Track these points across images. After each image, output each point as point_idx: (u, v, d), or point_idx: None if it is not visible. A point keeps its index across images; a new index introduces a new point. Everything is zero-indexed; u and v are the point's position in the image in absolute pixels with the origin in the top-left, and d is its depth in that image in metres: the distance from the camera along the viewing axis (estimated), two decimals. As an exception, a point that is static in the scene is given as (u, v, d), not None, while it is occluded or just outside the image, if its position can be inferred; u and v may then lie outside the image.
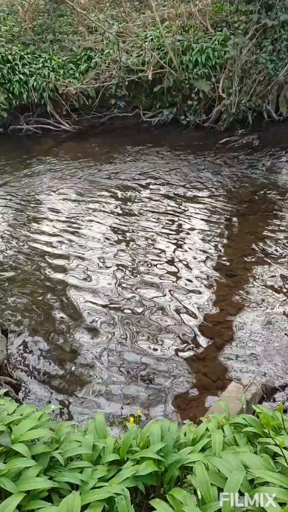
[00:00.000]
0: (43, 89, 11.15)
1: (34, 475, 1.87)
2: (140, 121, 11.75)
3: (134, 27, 11.49)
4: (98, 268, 5.75)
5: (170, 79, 10.77)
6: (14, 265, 5.92)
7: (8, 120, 11.65)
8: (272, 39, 9.96)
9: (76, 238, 6.53)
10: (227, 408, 2.62)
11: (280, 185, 7.94)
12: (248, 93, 10.37)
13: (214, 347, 4.37)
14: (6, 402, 2.46)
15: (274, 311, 4.79)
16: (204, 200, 7.56)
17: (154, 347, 4.39)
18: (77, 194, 8.07)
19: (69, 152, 10.32)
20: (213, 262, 5.75)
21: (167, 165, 9.12)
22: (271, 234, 6.34)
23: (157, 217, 7.03)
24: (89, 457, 2.09)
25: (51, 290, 5.36)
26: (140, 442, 2.17)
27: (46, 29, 12.34)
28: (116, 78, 10.92)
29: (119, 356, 4.30)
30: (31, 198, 7.99)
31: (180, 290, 5.23)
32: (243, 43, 9.88)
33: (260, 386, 3.70)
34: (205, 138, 10.52)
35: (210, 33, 10.86)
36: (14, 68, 11.17)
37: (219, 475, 1.88)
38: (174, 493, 1.87)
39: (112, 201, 7.73)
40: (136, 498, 2.01)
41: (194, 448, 2.18)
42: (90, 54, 11.42)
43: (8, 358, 4.32)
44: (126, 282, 5.41)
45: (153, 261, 5.83)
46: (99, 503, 1.81)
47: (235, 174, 8.48)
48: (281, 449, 1.84)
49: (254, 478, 1.85)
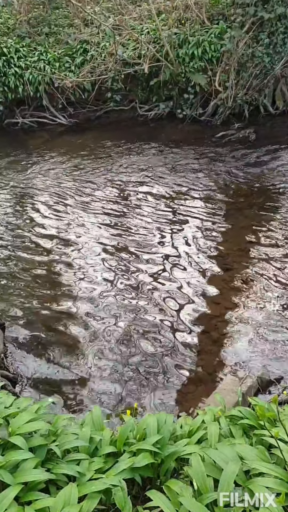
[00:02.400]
0: (38, 82, 11.08)
1: (31, 467, 1.88)
2: (136, 115, 11.70)
3: (130, 20, 11.41)
4: (94, 262, 5.74)
5: (167, 72, 10.71)
6: (10, 259, 5.91)
7: (4, 114, 11.58)
8: (268, 32, 9.91)
9: (71, 231, 6.52)
10: (223, 400, 2.64)
11: (276, 179, 7.94)
12: (245, 87, 10.33)
13: (210, 341, 4.39)
14: (3, 396, 2.46)
15: (270, 305, 4.81)
16: (200, 194, 7.55)
17: (150, 340, 4.40)
18: (72, 187, 8.05)
19: (64, 145, 10.27)
20: (209, 256, 5.76)
21: (164, 159, 9.10)
22: (267, 228, 6.35)
23: (152, 211, 7.02)
24: (86, 449, 2.11)
25: (48, 283, 5.37)
26: (136, 435, 2.18)
27: (42, 21, 12.24)
28: (112, 71, 10.85)
29: (116, 350, 4.32)
30: (26, 192, 7.97)
31: (175, 283, 5.24)
32: (240, 36, 9.84)
33: (255, 379, 3.73)
34: (202, 132, 10.49)
35: (207, 26, 10.79)
36: (10, 61, 11.08)
37: (215, 466, 1.90)
38: (171, 484, 1.89)
39: (107, 195, 7.71)
40: (133, 490, 2.02)
41: (190, 440, 2.19)
42: (86, 47, 11.33)
43: (5, 352, 4.33)
44: (123, 276, 5.42)
45: (149, 255, 5.83)
46: (96, 495, 1.82)
47: (231, 168, 8.47)
48: (276, 441, 1.86)
49: (249, 469, 1.87)
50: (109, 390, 3.89)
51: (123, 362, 4.18)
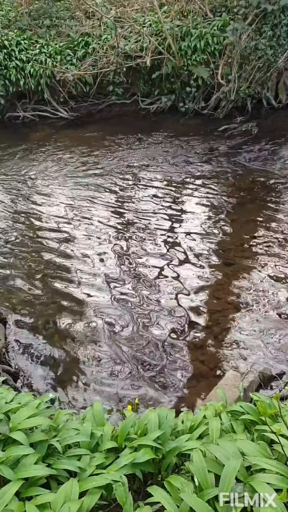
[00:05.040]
0: (40, 76, 11.02)
1: (32, 462, 1.88)
2: (138, 108, 11.64)
3: (132, 12, 11.33)
4: (95, 257, 5.73)
5: (169, 65, 10.64)
6: (11, 253, 5.90)
7: (5, 108, 11.53)
8: (271, 24, 9.81)
9: (73, 224, 6.51)
10: (225, 396, 2.63)
11: (279, 173, 7.90)
12: (247, 80, 10.26)
13: (212, 336, 4.38)
14: (4, 391, 2.46)
15: (272, 300, 4.80)
16: (202, 188, 7.52)
17: (152, 335, 4.40)
18: (74, 181, 8.02)
19: (66, 139, 10.23)
20: (211, 251, 5.74)
21: (165, 152, 9.06)
22: (270, 222, 6.33)
23: (154, 205, 7.00)
24: (87, 445, 2.11)
25: (50, 278, 5.36)
26: (137, 430, 2.18)
27: (43, 14, 12.15)
28: (114, 64, 10.78)
29: (117, 345, 4.31)
30: (28, 186, 7.94)
31: (177, 278, 5.23)
32: (243, 28, 9.74)
33: (257, 374, 3.73)
34: (204, 125, 10.43)
35: (209, 18, 10.70)
36: (11, 54, 11.02)
37: (216, 462, 1.89)
38: (172, 479, 1.88)
39: (109, 188, 7.68)
40: (134, 485, 2.02)
41: (191, 435, 2.19)
42: (87, 40, 11.25)
43: (6, 347, 4.33)
44: (124, 272, 5.41)
45: (149, 249, 5.82)
46: (97, 490, 1.82)
47: (234, 162, 8.43)
48: (277, 436, 1.85)
49: (251, 465, 1.87)
50: (110, 385, 3.90)
51: (125, 357, 4.18)
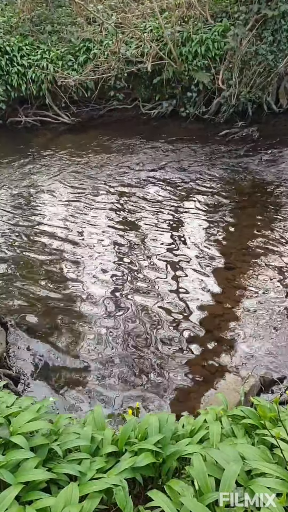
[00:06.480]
0: (41, 81, 11.08)
1: (32, 466, 1.88)
2: (139, 113, 11.67)
3: (133, 18, 11.38)
4: (97, 261, 5.74)
5: (170, 70, 10.69)
6: (13, 257, 5.91)
7: (7, 112, 11.58)
8: (272, 29, 9.86)
9: (75, 228, 6.52)
10: (225, 400, 2.63)
11: (279, 177, 7.91)
12: (248, 85, 10.29)
13: (212, 340, 4.38)
14: (5, 395, 2.47)
15: (273, 304, 4.80)
16: (203, 192, 7.53)
17: (153, 339, 4.40)
18: (75, 185, 8.04)
19: (67, 144, 10.27)
20: (212, 255, 5.75)
21: (166, 157, 9.08)
22: (271, 226, 6.33)
23: (155, 209, 7.01)
24: (88, 449, 2.11)
25: (52, 282, 5.37)
26: (138, 434, 2.18)
27: (45, 20, 12.22)
28: (115, 70, 10.83)
29: (118, 350, 4.31)
30: (29, 190, 7.97)
31: (178, 283, 5.23)
32: (243, 34, 9.79)
33: (258, 378, 3.72)
34: (205, 130, 10.46)
35: (210, 23, 10.75)
36: (12, 60, 11.08)
37: (217, 466, 1.89)
38: (172, 484, 1.88)
39: (111, 193, 7.70)
40: (134, 489, 2.02)
41: (192, 439, 2.19)
42: (89, 45, 11.31)
43: (7, 351, 4.33)
44: (126, 275, 5.41)
45: (151, 253, 5.83)
46: (97, 494, 1.82)
47: (235, 167, 8.45)
48: (277, 441, 1.85)
49: (251, 469, 1.86)
50: (111, 389, 3.89)
51: (126, 361, 4.18)
